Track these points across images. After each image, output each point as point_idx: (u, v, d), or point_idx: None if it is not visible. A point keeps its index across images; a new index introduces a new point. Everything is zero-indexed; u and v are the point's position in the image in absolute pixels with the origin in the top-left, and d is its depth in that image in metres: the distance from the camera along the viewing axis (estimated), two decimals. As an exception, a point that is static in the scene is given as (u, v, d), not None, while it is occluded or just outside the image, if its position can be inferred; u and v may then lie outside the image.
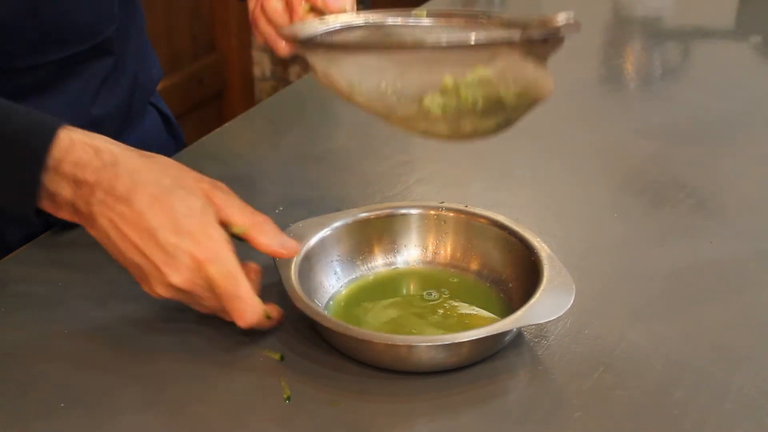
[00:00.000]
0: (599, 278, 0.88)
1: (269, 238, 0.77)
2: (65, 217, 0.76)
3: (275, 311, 0.77)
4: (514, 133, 1.17)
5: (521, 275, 0.83)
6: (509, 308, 0.80)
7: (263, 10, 0.85)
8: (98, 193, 0.73)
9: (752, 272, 0.89)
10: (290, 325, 0.81)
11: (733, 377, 0.75)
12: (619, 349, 0.78)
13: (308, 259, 0.83)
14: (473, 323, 0.81)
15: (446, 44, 0.75)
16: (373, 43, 0.80)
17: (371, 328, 0.80)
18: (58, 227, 0.94)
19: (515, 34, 0.74)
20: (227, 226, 0.76)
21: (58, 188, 0.74)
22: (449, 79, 0.75)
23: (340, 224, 0.86)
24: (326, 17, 0.80)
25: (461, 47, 0.74)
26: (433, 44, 0.76)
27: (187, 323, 0.81)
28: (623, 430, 0.71)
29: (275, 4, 0.84)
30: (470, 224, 0.88)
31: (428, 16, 0.82)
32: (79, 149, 0.74)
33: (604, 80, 1.36)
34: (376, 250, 0.88)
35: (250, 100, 2.80)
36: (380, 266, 0.88)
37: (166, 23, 2.48)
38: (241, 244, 0.77)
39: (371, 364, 0.76)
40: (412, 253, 0.89)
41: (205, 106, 2.70)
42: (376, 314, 0.83)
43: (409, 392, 0.75)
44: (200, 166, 1.09)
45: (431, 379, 0.76)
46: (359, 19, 0.81)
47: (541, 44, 0.73)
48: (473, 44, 0.74)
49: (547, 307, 0.76)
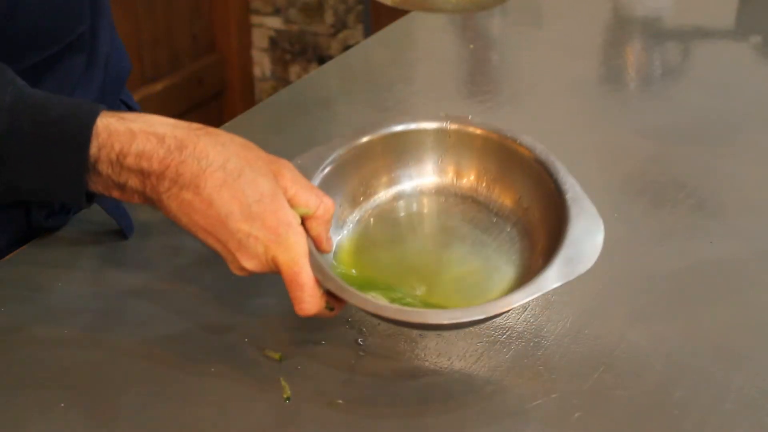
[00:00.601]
0: (599, 278, 0.88)
1: (322, 229, 0.76)
2: (138, 202, 0.75)
3: (336, 303, 0.76)
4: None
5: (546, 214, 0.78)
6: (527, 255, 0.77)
7: None
8: (165, 182, 0.72)
9: (752, 272, 0.89)
10: (290, 325, 0.81)
11: (733, 377, 0.75)
12: (619, 349, 0.78)
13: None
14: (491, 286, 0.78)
15: None
16: None
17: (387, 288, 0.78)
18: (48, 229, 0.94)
19: None
20: (293, 206, 0.74)
21: (126, 180, 0.73)
22: None
23: (342, 153, 0.81)
24: None
25: None
26: None
27: (187, 323, 0.81)
28: (623, 430, 0.71)
29: None
30: (503, 147, 0.82)
31: None
32: (141, 139, 0.72)
33: (604, 80, 1.36)
34: (384, 178, 0.83)
35: (250, 100, 2.80)
36: (390, 198, 0.84)
37: (166, 23, 2.48)
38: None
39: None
40: (425, 179, 0.83)
41: (205, 106, 2.70)
42: (390, 270, 0.81)
43: (409, 392, 0.75)
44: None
45: (430, 376, 0.76)
46: None
47: None
48: None
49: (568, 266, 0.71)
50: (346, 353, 0.78)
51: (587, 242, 0.74)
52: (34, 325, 0.82)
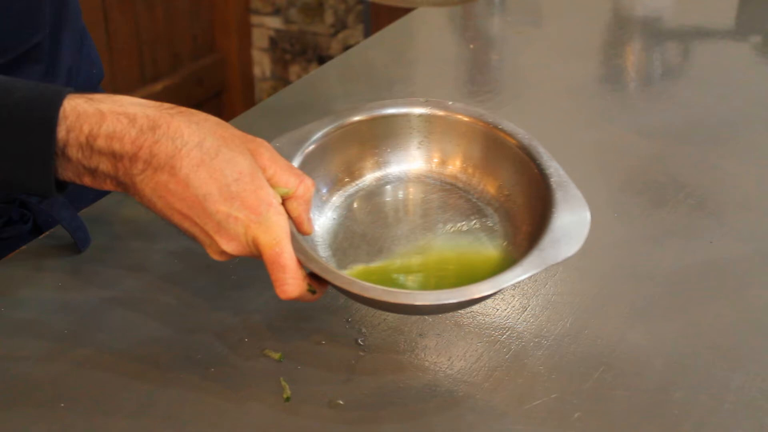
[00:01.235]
0: (599, 278, 0.88)
1: (303, 210, 0.73)
2: (110, 189, 0.72)
3: (318, 286, 0.73)
4: (514, 133, 1.17)
5: (526, 194, 0.78)
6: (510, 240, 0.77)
7: None
8: (139, 164, 0.69)
9: (752, 272, 0.89)
10: (290, 325, 0.81)
11: (733, 377, 0.75)
12: (619, 349, 0.78)
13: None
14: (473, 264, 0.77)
15: None
16: None
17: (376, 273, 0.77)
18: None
19: None
20: (272, 186, 0.72)
21: (96, 164, 0.69)
22: None
23: (323, 135, 0.80)
24: None
25: None
26: None
27: (187, 323, 0.81)
28: (623, 430, 0.71)
29: None
30: (488, 135, 0.81)
31: None
32: (111, 120, 0.69)
33: (604, 80, 1.36)
34: (366, 161, 0.82)
35: (250, 100, 2.80)
36: (372, 181, 0.82)
37: (166, 23, 2.48)
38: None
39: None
40: (407, 164, 0.82)
41: (205, 106, 2.70)
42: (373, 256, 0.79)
43: (409, 392, 0.75)
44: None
45: (430, 376, 0.76)
46: None
47: None
48: None
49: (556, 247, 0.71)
50: (346, 353, 0.78)
51: (573, 226, 0.73)
52: (33, 325, 0.82)
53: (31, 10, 0.90)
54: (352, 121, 0.81)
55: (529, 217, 0.77)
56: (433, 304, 0.70)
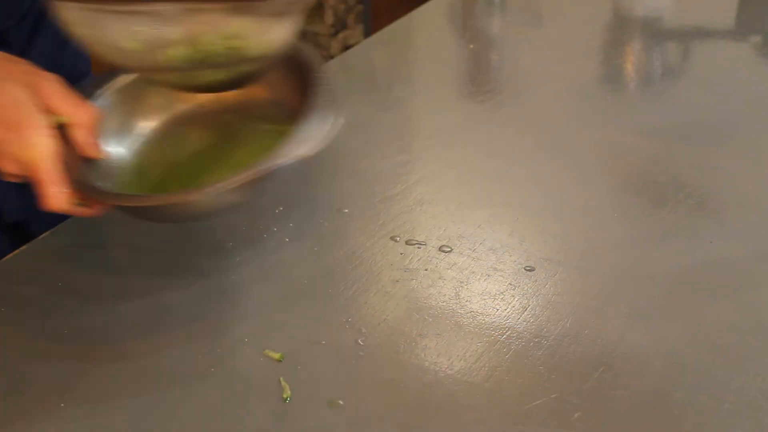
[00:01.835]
0: (599, 278, 0.88)
1: (86, 135, 0.81)
2: None
3: (92, 201, 0.79)
4: (514, 132, 1.17)
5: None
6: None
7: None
8: None
9: (752, 272, 0.89)
10: (290, 325, 0.81)
11: (733, 377, 0.75)
12: (619, 349, 0.78)
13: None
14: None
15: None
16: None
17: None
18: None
19: None
20: (52, 115, 0.78)
21: None
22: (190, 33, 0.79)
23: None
24: None
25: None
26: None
27: (187, 323, 0.81)
28: (623, 430, 0.71)
29: None
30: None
31: None
32: None
33: (604, 80, 1.36)
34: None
35: (250, 100, 2.80)
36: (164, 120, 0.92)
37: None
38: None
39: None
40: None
41: (205, 106, 2.69)
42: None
43: (409, 392, 0.75)
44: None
45: (430, 376, 0.76)
46: None
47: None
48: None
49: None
50: (346, 353, 0.78)
51: (318, 127, 0.80)
52: (33, 325, 0.82)
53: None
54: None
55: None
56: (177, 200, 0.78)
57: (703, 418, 0.72)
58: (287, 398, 0.73)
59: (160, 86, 0.86)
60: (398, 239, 0.93)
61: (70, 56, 1.09)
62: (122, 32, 0.78)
